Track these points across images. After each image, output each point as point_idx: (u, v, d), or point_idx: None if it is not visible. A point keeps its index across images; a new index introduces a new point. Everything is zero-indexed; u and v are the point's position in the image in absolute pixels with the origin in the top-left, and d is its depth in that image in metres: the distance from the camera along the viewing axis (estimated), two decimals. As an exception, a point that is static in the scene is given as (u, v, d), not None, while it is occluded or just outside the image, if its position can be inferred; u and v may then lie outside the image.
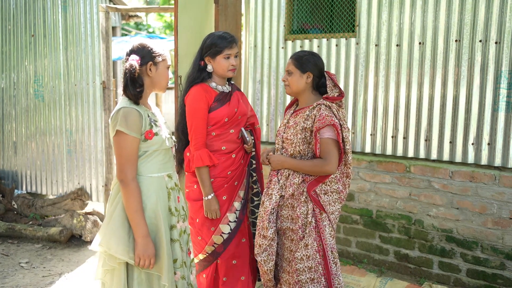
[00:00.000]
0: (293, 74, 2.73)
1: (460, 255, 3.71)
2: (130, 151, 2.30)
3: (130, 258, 2.30)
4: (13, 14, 5.67)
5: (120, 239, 2.31)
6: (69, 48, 5.22)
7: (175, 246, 2.47)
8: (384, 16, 3.97)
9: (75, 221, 4.86)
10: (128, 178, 2.29)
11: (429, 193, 3.81)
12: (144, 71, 2.39)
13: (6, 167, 6.02)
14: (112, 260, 2.32)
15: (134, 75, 2.32)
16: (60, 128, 5.41)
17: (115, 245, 2.29)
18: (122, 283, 2.34)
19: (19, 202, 5.49)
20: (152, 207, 2.37)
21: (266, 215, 2.73)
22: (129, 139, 2.29)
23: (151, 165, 2.40)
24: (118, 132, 2.28)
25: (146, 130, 2.34)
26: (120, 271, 2.34)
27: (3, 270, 4.24)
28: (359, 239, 4.19)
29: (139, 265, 2.31)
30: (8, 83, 5.82)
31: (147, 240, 2.30)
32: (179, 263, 2.48)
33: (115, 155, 2.35)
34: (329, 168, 2.63)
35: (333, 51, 4.27)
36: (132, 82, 2.32)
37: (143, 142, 2.35)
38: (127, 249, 2.30)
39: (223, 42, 2.86)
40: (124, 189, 2.29)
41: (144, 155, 2.38)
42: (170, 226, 2.46)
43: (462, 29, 3.65)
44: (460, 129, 3.70)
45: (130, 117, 2.29)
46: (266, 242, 2.73)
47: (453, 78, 3.71)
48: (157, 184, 2.41)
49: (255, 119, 3.15)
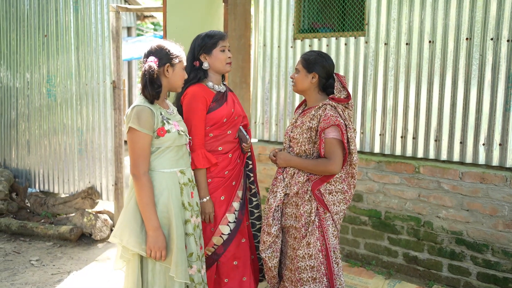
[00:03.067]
0: (300, 73, 2.78)
1: (470, 258, 3.63)
2: (142, 147, 2.40)
3: (142, 249, 2.41)
4: (27, 15, 5.75)
5: (133, 231, 2.41)
6: (81, 48, 5.27)
7: (190, 240, 2.56)
8: (394, 14, 3.90)
9: (85, 219, 4.91)
10: (140, 172, 2.39)
11: (439, 195, 3.73)
12: (162, 72, 2.50)
13: (20, 166, 6.11)
14: (127, 251, 2.45)
15: (153, 76, 2.42)
16: (71, 127, 5.47)
17: (128, 237, 2.41)
18: (136, 274, 2.46)
19: (31, 200, 5.57)
20: (164, 201, 2.46)
21: (270, 212, 2.78)
22: (141, 136, 2.39)
23: (163, 160, 2.49)
24: (130, 129, 2.40)
25: (158, 128, 2.44)
26: (134, 262, 2.46)
27: (14, 267, 4.29)
28: (367, 240, 4.14)
29: (150, 257, 2.41)
30: (23, 83, 5.90)
31: (158, 233, 2.40)
32: (195, 256, 2.57)
33: (128, 150, 2.46)
34: (333, 168, 2.64)
35: (342, 50, 4.22)
36: (151, 83, 2.43)
37: (156, 139, 2.45)
38: (140, 241, 2.41)
39: (215, 36, 2.88)
40: (136, 183, 2.40)
41: (157, 151, 2.47)
42: (184, 221, 2.55)
43: (473, 27, 3.57)
44: (471, 129, 3.62)
45: (143, 115, 2.39)
46: (270, 239, 2.78)
47: (464, 77, 3.63)
48: (169, 180, 2.50)
49: (246, 120, 3.13)
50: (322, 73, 2.75)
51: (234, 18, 4.77)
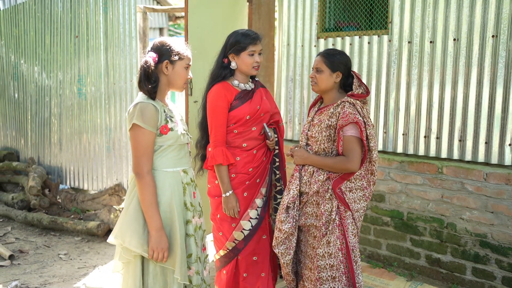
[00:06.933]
0: (323, 72, 2.72)
1: (495, 262, 3.53)
2: (146, 144, 2.33)
3: (144, 251, 2.33)
4: (60, 17, 5.94)
5: (135, 232, 2.34)
6: (109, 48, 5.41)
7: (190, 241, 2.49)
8: (418, 12, 3.84)
9: (112, 216, 5.03)
10: (144, 171, 2.33)
11: (462, 196, 3.65)
12: (161, 69, 2.42)
13: (53, 163, 6.31)
14: (128, 253, 2.36)
15: (148, 71, 2.36)
16: (100, 126, 5.62)
17: (129, 238, 2.33)
18: (137, 276, 2.37)
19: (62, 196, 5.75)
20: (167, 201, 2.40)
21: (283, 209, 2.76)
22: (145, 133, 2.32)
23: (166, 159, 2.43)
24: (134, 126, 2.32)
25: (161, 125, 2.38)
26: (135, 264, 2.38)
27: (43, 260, 4.45)
28: (389, 241, 4.08)
29: (152, 258, 2.33)
30: (56, 82, 6.11)
31: (161, 233, 2.33)
32: (194, 258, 2.50)
33: (131, 148, 2.39)
34: (351, 166, 2.61)
35: (365, 49, 4.17)
36: (146, 77, 2.36)
37: (158, 137, 2.38)
38: (141, 242, 2.33)
39: (247, 39, 2.87)
40: (139, 182, 2.33)
41: (159, 149, 2.41)
42: (186, 221, 2.49)
43: (500, 24, 3.47)
44: (497, 129, 3.52)
45: (147, 112, 2.33)
46: (281, 235, 2.75)
47: (489, 76, 3.53)
48: (172, 179, 2.44)
49: (279, 117, 3.13)
50: (345, 72, 2.73)
51: (259, 17, 4.78)
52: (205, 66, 3.06)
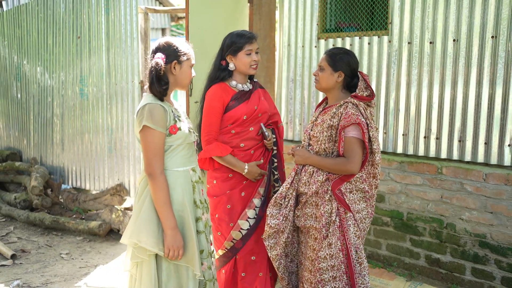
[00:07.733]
0: (325, 71, 2.71)
1: (494, 262, 3.54)
2: (157, 145, 2.36)
3: (160, 250, 2.37)
4: (62, 18, 5.98)
5: (150, 232, 2.36)
6: (111, 49, 5.43)
7: (201, 237, 2.54)
8: (417, 13, 3.84)
9: (113, 215, 5.05)
10: (157, 172, 2.35)
11: (462, 196, 3.65)
12: (169, 69, 2.44)
13: (55, 163, 6.35)
14: (142, 252, 2.39)
15: (159, 73, 2.38)
16: (102, 126, 5.64)
17: (146, 238, 2.36)
18: (152, 275, 2.41)
19: (64, 196, 5.78)
20: (179, 200, 2.43)
21: (271, 204, 2.81)
22: (156, 134, 2.35)
23: (176, 159, 2.46)
24: (144, 127, 2.34)
25: (170, 125, 2.40)
26: (150, 263, 2.41)
27: (45, 260, 4.48)
28: (389, 241, 4.09)
29: (168, 257, 2.38)
30: (58, 83, 6.14)
31: (176, 232, 2.37)
32: (206, 253, 2.55)
33: (142, 150, 2.41)
34: (351, 168, 2.59)
35: (365, 49, 4.18)
36: (158, 79, 2.38)
37: (168, 137, 2.41)
38: (157, 241, 2.36)
39: (243, 39, 2.90)
40: (153, 183, 2.35)
41: (169, 149, 2.43)
42: (196, 218, 2.53)
43: (499, 24, 3.47)
44: (496, 129, 3.53)
45: (156, 113, 2.35)
46: (268, 229, 2.78)
47: (489, 77, 3.54)
48: (182, 178, 2.47)
49: (278, 117, 3.15)
50: (348, 72, 2.69)
51: (260, 18, 4.80)
52: (206, 67, 3.09)
